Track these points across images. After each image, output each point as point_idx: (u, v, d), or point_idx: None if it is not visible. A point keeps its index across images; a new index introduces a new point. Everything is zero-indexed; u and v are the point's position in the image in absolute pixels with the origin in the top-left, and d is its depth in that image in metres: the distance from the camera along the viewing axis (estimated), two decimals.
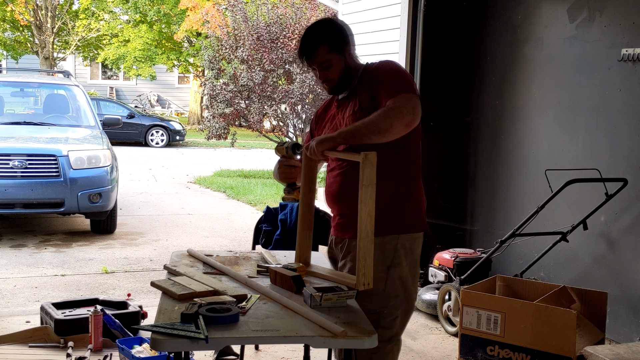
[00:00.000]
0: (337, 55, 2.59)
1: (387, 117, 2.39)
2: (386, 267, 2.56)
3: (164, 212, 9.05)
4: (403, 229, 2.59)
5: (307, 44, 2.60)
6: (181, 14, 20.94)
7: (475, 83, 5.50)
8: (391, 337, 2.59)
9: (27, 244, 6.95)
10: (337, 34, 2.62)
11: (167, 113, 26.47)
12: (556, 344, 3.46)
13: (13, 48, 21.65)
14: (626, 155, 4.28)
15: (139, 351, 3.55)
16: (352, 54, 2.64)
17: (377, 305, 2.52)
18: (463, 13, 5.52)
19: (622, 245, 4.34)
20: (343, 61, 2.60)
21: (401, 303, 2.61)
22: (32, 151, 6.94)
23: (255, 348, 4.07)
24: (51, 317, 3.95)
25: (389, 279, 2.55)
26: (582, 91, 4.59)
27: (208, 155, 16.91)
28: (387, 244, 2.55)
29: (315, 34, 2.61)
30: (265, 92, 11.66)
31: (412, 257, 2.61)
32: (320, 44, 2.58)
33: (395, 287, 2.57)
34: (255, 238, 3.93)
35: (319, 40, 2.59)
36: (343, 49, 2.60)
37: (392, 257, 2.56)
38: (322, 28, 2.64)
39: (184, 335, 1.99)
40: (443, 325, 4.57)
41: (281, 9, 12.08)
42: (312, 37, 2.61)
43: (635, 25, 4.21)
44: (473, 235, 5.55)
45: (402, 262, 2.57)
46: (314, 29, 2.64)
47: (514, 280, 4.12)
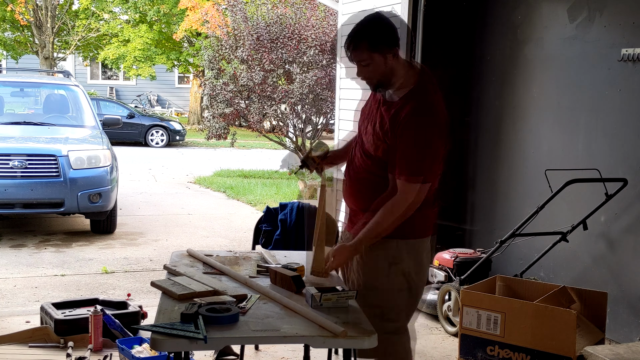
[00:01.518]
0: (379, 56, 2.50)
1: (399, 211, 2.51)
2: (388, 263, 2.62)
3: (164, 212, 9.05)
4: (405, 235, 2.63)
5: (352, 37, 2.51)
6: (181, 14, 20.93)
7: (475, 83, 5.50)
8: (396, 328, 2.66)
9: (27, 244, 6.95)
10: (382, 33, 2.51)
11: (167, 113, 26.45)
12: (556, 344, 3.46)
13: (13, 48, 21.65)
14: (626, 155, 4.28)
15: (139, 351, 3.55)
16: (399, 58, 2.54)
17: (381, 300, 2.60)
18: (463, 13, 5.51)
19: (622, 245, 4.34)
20: (384, 63, 2.51)
21: (404, 297, 2.67)
22: (32, 151, 6.94)
23: (255, 348, 4.07)
24: (51, 317, 3.95)
25: (390, 275, 2.62)
26: (582, 91, 4.59)
27: (208, 155, 16.91)
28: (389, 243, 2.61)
29: (361, 29, 2.51)
30: (265, 92, 11.66)
31: (415, 256, 2.67)
32: (362, 39, 2.50)
33: (399, 282, 2.63)
34: (255, 238, 3.93)
35: (362, 36, 2.50)
36: (386, 49, 2.50)
37: (393, 255, 2.62)
38: (369, 23, 2.53)
39: (183, 335, 1.99)
40: (443, 325, 4.56)
41: (281, 9, 12.07)
42: (357, 31, 2.52)
43: (635, 25, 4.21)
44: (473, 235, 5.55)
45: (404, 260, 2.63)
46: (362, 22, 2.54)
47: (514, 280, 4.12)
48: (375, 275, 2.62)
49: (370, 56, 2.50)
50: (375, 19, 2.55)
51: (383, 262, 2.62)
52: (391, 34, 2.53)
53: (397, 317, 2.66)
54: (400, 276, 2.63)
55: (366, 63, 2.53)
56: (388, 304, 2.62)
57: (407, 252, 2.63)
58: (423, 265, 2.72)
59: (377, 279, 2.61)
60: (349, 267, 2.73)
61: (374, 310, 2.55)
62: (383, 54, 2.50)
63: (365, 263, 2.65)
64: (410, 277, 2.65)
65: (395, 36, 2.53)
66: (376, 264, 2.62)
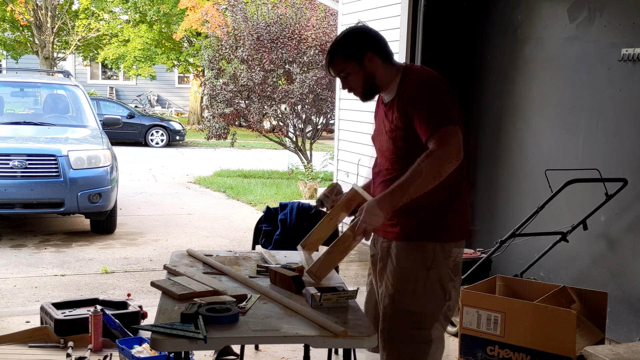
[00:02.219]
0: (354, 64, 2.54)
1: (437, 163, 2.36)
2: (426, 268, 2.52)
3: (164, 212, 9.05)
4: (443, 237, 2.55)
5: (328, 54, 2.60)
6: (181, 14, 20.94)
7: (475, 83, 5.50)
8: (430, 339, 2.53)
9: (27, 244, 6.95)
10: (352, 41, 2.57)
11: (167, 113, 26.46)
12: (556, 344, 3.46)
13: (13, 48, 21.65)
14: (626, 155, 4.28)
15: (139, 351, 3.55)
16: (375, 61, 2.55)
17: (418, 306, 2.50)
18: (463, 13, 5.51)
19: (622, 245, 4.34)
20: (361, 70, 2.55)
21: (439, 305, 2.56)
22: (32, 151, 6.94)
23: (255, 348, 4.07)
24: (51, 317, 3.95)
25: (428, 281, 2.52)
26: (582, 91, 4.59)
27: (208, 155, 16.90)
28: (426, 246, 2.53)
29: (334, 44, 2.59)
30: (265, 92, 11.66)
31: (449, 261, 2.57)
32: (335, 53, 2.57)
33: (434, 289, 2.53)
34: (255, 238, 3.93)
35: (335, 50, 2.57)
36: (361, 56, 2.53)
37: (431, 259, 2.52)
38: (339, 38, 2.62)
39: (183, 335, 1.99)
40: None
41: (281, 9, 12.08)
42: (332, 47, 2.59)
43: (635, 25, 4.21)
44: (473, 235, 5.55)
45: (440, 265, 2.53)
46: (336, 39, 2.63)
47: (514, 280, 4.12)
48: (413, 282, 2.51)
49: (346, 66, 2.55)
50: (347, 32, 2.63)
51: (421, 268, 2.52)
52: (362, 40, 2.57)
53: (431, 325, 2.54)
54: (437, 283, 2.54)
55: (345, 74, 2.57)
56: (424, 310, 2.51)
57: (444, 257, 2.53)
58: (459, 270, 2.62)
59: (415, 286, 2.50)
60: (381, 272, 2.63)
61: (410, 317, 2.49)
62: (358, 61, 2.54)
63: (401, 268, 2.55)
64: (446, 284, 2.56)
65: (368, 41, 2.57)
66: (414, 269, 2.52)
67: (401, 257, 2.53)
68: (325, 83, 11.32)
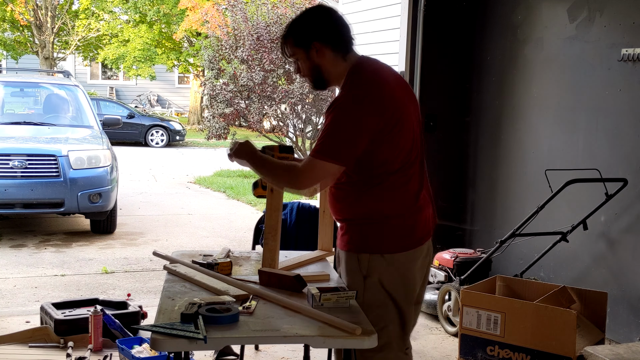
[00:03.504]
0: (302, 52, 2.45)
1: (290, 179, 2.40)
2: (362, 276, 2.45)
3: (164, 212, 9.05)
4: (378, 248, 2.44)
5: (282, 32, 2.51)
6: (181, 14, 20.94)
7: (475, 83, 5.50)
8: (382, 345, 2.34)
9: (27, 244, 6.95)
10: (303, 27, 2.45)
11: (167, 113, 26.47)
12: (556, 344, 3.46)
13: (13, 48, 21.65)
14: (626, 155, 4.28)
15: (139, 351, 3.55)
16: (323, 52, 2.42)
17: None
18: (463, 13, 5.51)
19: (622, 245, 4.34)
20: (307, 59, 2.45)
21: (389, 312, 2.45)
22: (32, 151, 6.94)
23: (255, 348, 4.07)
24: (51, 317, 3.95)
25: (367, 289, 2.43)
26: (582, 91, 4.59)
27: (208, 155, 16.91)
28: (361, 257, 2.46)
29: (289, 24, 2.50)
30: (265, 92, 11.66)
31: (395, 266, 2.44)
32: (288, 35, 2.48)
33: (377, 296, 2.43)
34: (255, 238, 3.93)
35: (288, 31, 2.48)
36: (308, 46, 2.42)
37: (366, 268, 2.44)
38: (296, 18, 2.50)
39: (183, 335, 1.99)
40: (443, 325, 4.57)
41: (281, 9, 12.08)
42: (286, 27, 2.50)
43: (635, 25, 4.21)
44: (473, 235, 5.55)
45: (379, 271, 2.42)
46: (293, 18, 2.52)
47: (514, 280, 4.12)
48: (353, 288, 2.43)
49: (296, 51, 2.47)
50: (301, 14, 2.51)
51: (357, 277, 2.46)
52: (312, 28, 2.44)
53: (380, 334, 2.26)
54: (378, 289, 2.43)
55: (296, 59, 2.50)
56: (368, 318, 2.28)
57: (386, 264, 2.43)
58: (409, 281, 2.49)
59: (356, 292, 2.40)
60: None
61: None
62: (305, 50, 2.45)
63: (344, 276, 2.53)
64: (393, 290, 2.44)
65: (318, 30, 2.43)
66: (352, 278, 2.48)
67: (343, 265, 2.53)
68: None
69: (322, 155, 2.32)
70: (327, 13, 2.50)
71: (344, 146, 2.32)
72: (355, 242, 2.48)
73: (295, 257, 2.94)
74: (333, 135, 2.33)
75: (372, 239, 2.45)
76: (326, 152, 2.32)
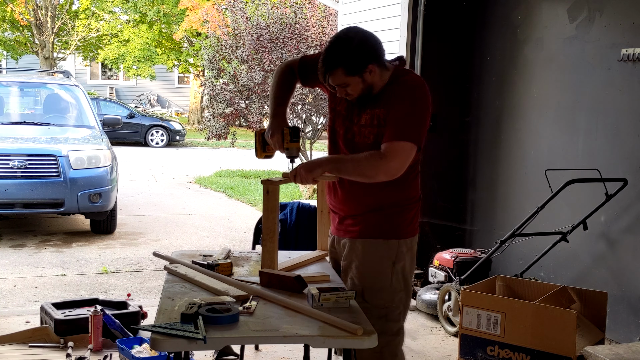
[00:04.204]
0: (355, 78, 2.49)
1: (373, 167, 2.46)
2: (392, 262, 2.62)
3: (164, 212, 9.05)
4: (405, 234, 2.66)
5: (326, 64, 2.50)
6: (181, 14, 20.95)
7: (475, 83, 5.50)
8: (398, 329, 2.65)
9: (27, 244, 6.95)
10: (354, 56, 2.47)
11: (167, 113, 26.47)
12: (556, 344, 3.46)
13: (13, 48, 21.65)
14: (626, 155, 4.28)
15: (139, 351, 3.55)
16: (375, 71, 2.51)
17: (386, 300, 2.60)
18: (463, 13, 5.51)
19: (622, 245, 4.34)
20: (362, 82, 2.51)
21: (403, 297, 2.68)
22: (32, 151, 6.94)
23: (255, 348, 4.07)
24: (51, 317, 3.95)
25: (394, 275, 2.62)
26: (582, 91, 4.59)
27: (208, 155, 16.91)
28: (390, 243, 2.63)
29: (334, 55, 2.49)
30: (265, 92, 11.66)
31: (411, 253, 2.70)
32: (336, 67, 2.48)
33: (399, 281, 2.64)
34: (255, 238, 3.93)
35: (336, 63, 2.48)
36: (362, 71, 2.48)
37: (395, 253, 2.62)
38: (340, 49, 2.49)
39: (182, 335, 1.99)
40: (443, 325, 4.57)
41: (281, 9, 12.08)
42: (330, 57, 2.49)
43: (635, 25, 4.21)
44: (473, 235, 5.55)
45: (405, 258, 2.64)
46: (333, 47, 2.51)
47: (514, 280, 4.12)
48: (380, 276, 2.61)
49: (347, 80, 2.51)
50: (345, 41, 2.51)
51: (387, 262, 2.62)
52: (366, 55, 2.49)
53: (399, 317, 2.67)
54: (400, 275, 2.64)
55: (344, 85, 2.53)
56: (392, 304, 2.62)
57: (406, 250, 2.65)
58: (414, 263, 2.77)
59: (382, 280, 2.60)
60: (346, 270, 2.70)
61: (379, 311, 2.57)
62: (360, 76, 2.50)
63: (367, 264, 2.63)
64: (408, 276, 2.69)
65: (371, 54, 2.50)
66: (381, 264, 2.62)
67: (367, 253, 2.63)
68: None
69: (403, 137, 2.44)
70: (369, 34, 2.56)
71: (418, 129, 2.49)
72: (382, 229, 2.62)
73: (295, 258, 2.95)
74: (409, 120, 2.46)
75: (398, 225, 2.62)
76: (405, 134, 2.45)
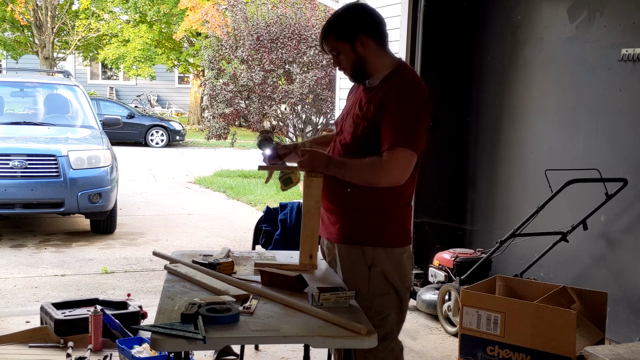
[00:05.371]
0: (346, 45, 2.52)
1: (376, 174, 2.43)
2: (367, 266, 2.55)
3: (164, 212, 9.05)
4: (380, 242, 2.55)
5: (323, 29, 2.58)
6: (181, 14, 20.95)
7: (475, 83, 5.50)
8: (385, 334, 2.52)
9: (27, 244, 6.95)
10: (348, 21, 2.53)
11: (167, 113, 26.47)
12: (556, 344, 3.46)
13: (13, 48, 21.66)
14: (626, 155, 4.28)
15: (138, 351, 3.55)
16: (368, 44, 2.51)
17: (363, 306, 2.43)
18: (463, 13, 5.51)
19: (622, 245, 4.34)
20: (352, 51, 2.52)
21: (391, 301, 2.57)
22: (32, 151, 6.94)
23: (255, 348, 4.07)
24: (51, 317, 3.95)
25: (372, 279, 2.54)
26: (582, 91, 4.59)
27: (208, 155, 16.91)
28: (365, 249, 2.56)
29: (330, 20, 2.57)
30: (265, 92, 11.66)
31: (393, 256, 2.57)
32: (329, 31, 2.55)
33: (379, 286, 2.54)
34: (255, 238, 3.93)
35: (330, 27, 2.55)
36: (353, 39, 2.50)
37: (371, 258, 2.54)
38: (337, 14, 2.58)
39: (182, 335, 1.99)
40: (443, 325, 4.57)
41: (281, 9, 12.08)
42: (327, 22, 2.57)
43: (635, 25, 4.21)
44: (473, 235, 5.55)
45: (383, 261, 2.54)
46: (333, 15, 2.59)
47: (514, 280, 4.12)
48: (356, 280, 2.53)
49: (338, 45, 2.54)
50: (344, 9, 2.59)
51: (361, 267, 2.54)
52: (357, 21, 2.53)
53: (383, 323, 2.53)
54: (381, 279, 2.54)
55: (337, 52, 2.56)
56: (371, 309, 2.47)
57: (385, 256, 2.55)
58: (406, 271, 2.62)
59: (358, 284, 2.51)
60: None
61: None
62: (350, 42, 2.52)
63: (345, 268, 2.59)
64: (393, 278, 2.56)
65: (363, 23, 2.53)
66: (355, 267, 2.55)
67: (344, 258, 2.59)
68: (325, 83, 11.32)
69: (405, 145, 2.40)
70: (369, 8, 2.61)
71: (418, 137, 2.44)
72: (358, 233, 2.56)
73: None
74: (409, 126, 2.42)
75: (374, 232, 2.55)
76: (408, 142, 2.41)
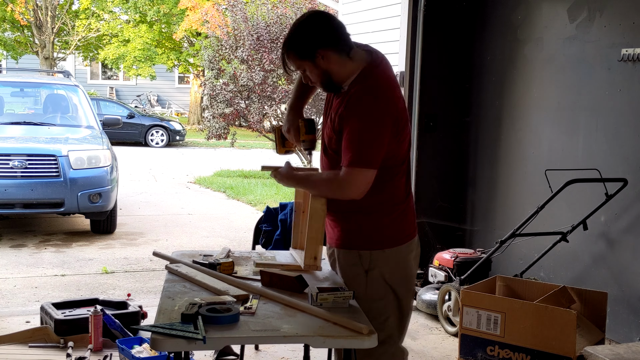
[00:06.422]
0: (308, 62, 2.46)
1: (334, 191, 2.47)
2: (364, 270, 2.53)
3: (164, 212, 9.05)
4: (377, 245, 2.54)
5: (282, 47, 2.51)
6: (181, 14, 20.95)
7: (475, 83, 5.50)
8: (384, 339, 2.49)
9: (27, 244, 6.95)
10: (305, 39, 2.45)
11: (167, 113, 26.46)
12: (556, 344, 3.46)
13: (13, 48, 21.66)
14: (626, 155, 4.28)
15: (139, 351, 3.55)
16: (329, 57, 2.43)
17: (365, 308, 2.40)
18: (463, 13, 5.51)
19: (622, 245, 4.34)
20: (315, 67, 2.46)
21: (390, 304, 2.55)
22: (32, 151, 6.94)
23: (255, 348, 4.07)
24: (51, 317, 3.95)
25: (369, 283, 2.53)
26: (582, 91, 4.59)
27: (208, 155, 16.91)
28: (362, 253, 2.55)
29: (287, 38, 2.48)
30: (265, 92, 11.67)
31: (394, 259, 2.55)
32: (288, 50, 2.49)
33: (379, 289, 2.53)
34: (255, 238, 3.93)
35: (288, 47, 2.48)
36: (313, 56, 2.43)
37: (368, 261, 2.53)
38: (292, 32, 2.48)
39: (182, 335, 1.99)
40: (443, 325, 4.57)
41: (281, 9, 12.08)
42: (285, 40, 2.49)
43: (635, 25, 4.21)
44: (473, 235, 5.55)
45: (380, 265, 2.52)
46: (290, 31, 2.51)
47: (514, 280, 4.12)
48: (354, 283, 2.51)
49: (301, 64, 2.49)
50: (297, 27, 2.50)
51: (358, 270, 2.53)
52: (313, 38, 2.44)
53: (382, 327, 2.48)
54: (380, 282, 2.52)
55: (302, 70, 2.53)
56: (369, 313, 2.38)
57: (385, 258, 2.53)
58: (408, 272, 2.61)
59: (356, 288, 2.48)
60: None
61: None
62: (312, 60, 2.45)
63: (343, 272, 2.58)
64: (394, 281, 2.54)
65: (319, 38, 2.43)
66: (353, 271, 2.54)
67: (342, 262, 2.60)
68: None
69: (360, 164, 2.39)
70: (321, 18, 2.50)
71: (376, 152, 2.41)
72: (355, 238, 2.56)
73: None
74: (365, 143, 2.39)
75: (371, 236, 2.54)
76: (363, 161, 2.39)
